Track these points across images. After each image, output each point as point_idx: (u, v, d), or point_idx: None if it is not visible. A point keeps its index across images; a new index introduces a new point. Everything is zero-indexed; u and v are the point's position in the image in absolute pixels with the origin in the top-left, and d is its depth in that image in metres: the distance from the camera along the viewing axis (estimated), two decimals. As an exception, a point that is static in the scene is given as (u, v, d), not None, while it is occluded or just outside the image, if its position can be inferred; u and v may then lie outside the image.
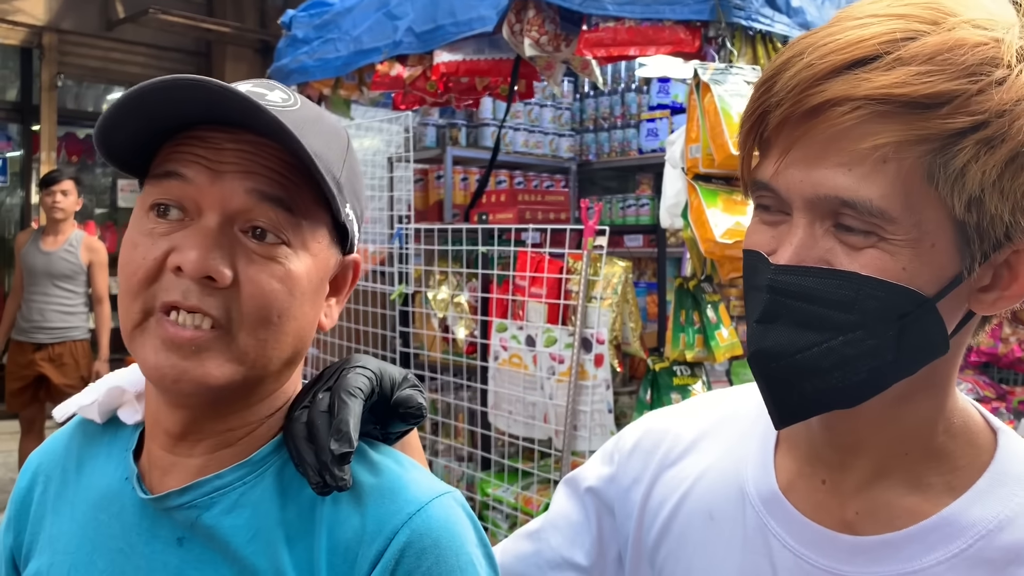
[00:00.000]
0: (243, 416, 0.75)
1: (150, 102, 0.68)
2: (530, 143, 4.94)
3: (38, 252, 4.58)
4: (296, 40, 3.65)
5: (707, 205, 2.29)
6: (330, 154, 0.73)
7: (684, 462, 0.85)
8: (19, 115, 7.12)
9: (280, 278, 0.69)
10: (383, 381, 0.77)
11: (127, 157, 0.73)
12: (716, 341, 2.38)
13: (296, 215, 0.70)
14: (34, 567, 0.82)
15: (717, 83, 2.33)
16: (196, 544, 0.73)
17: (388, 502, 0.72)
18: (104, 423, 0.85)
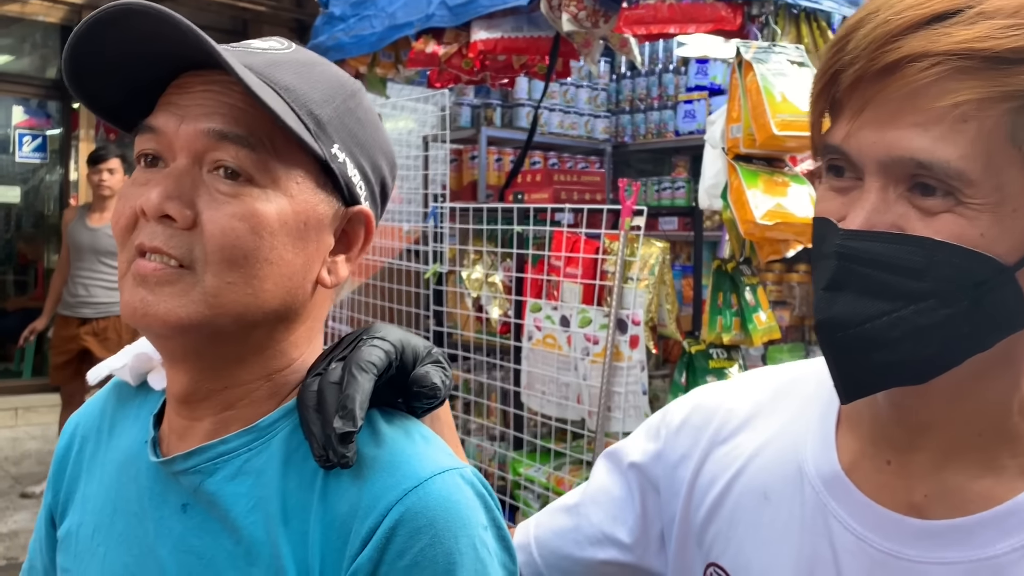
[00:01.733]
0: (237, 374, 0.73)
1: (93, 46, 0.69)
2: (565, 124, 4.91)
3: (84, 228, 4.69)
4: (333, 18, 3.64)
5: (747, 186, 2.26)
6: (311, 92, 0.71)
7: (737, 439, 0.83)
8: (59, 92, 7.20)
9: (242, 216, 0.67)
10: (404, 354, 0.73)
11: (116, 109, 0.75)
12: (754, 324, 2.35)
13: (260, 152, 0.68)
14: (66, 526, 0.82)
15: (760, 62, 2.29)
16: (198, 511, 0.72)
17: (386, 475, 0.68)
18: (137, 387, 0.85)
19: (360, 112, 0.76)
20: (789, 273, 4.15)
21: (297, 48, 0.76)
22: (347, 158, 0.74)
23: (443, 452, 0.73)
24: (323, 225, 0.73)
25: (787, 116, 2.24)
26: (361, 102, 0.77)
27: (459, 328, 3.30)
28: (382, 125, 0.80)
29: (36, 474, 5.27)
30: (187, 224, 0.68)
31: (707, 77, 4.68)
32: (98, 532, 0.78)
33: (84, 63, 0.70)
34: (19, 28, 7.16)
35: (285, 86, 0.70)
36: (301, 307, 0.74)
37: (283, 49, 0.75)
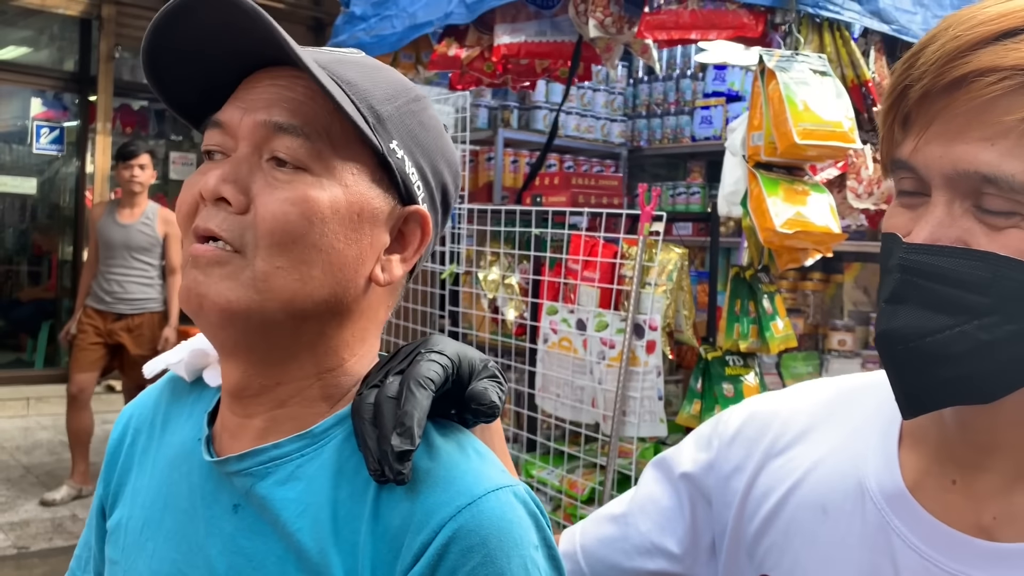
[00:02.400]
0: (288, 370, 0.73)
1: (168, 39, 0.71)
2: (582, 127, 4.91)
3: (116, 225, 4.69)
4: (354, 17, 3.65)
5: (768, 194, 2.26)
6: (374, 89, 0.73)
7: (792, 452, 0.82)
8: (77, 85, 7.25)
9: (293, 201, 0.68)
10: (460, 368, 0.73)
11: (192, 108, 0.77)
12: (771, 332, 2.36)
13: (316, 142, 0.69)
14: (115, 518, 0.83)
15: (783, 70, 2.30)
16: (250, 513, 0.72)
17: (440, 491, 0.68)
18: (192, 382, 0.86)
19: (423, 116, 0.77)
20: (804, 281, 4.15)
21: (365, 56, 0.78)
22: (406, 155, 0.74)
23: (496, 468, 0.72)
24: (378, 220, 0.73)
25: (809, 125, 2.24)
26: (426, 108, 0.78)
27: (474, 329, 3.31)
28: (447, 136, 0.81)
29: (47, 464, 5.30)
30: (241, 208, 0.69)
31: (725, 83, 4.68)
32: (147, 527, 0.78)
33: (160, 59, 0.72)
34: (38, 20, 7.20)
35: (348, 81, 0.71)
36: (353, 302, 0.74)
37: (351, 53, 0.77)
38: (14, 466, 5.25)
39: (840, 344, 3.66)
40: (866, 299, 4.20)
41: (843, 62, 2.62)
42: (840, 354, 3.54)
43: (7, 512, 4.47)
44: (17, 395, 6.59)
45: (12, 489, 4.83)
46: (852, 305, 4.13)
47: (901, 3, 2.70)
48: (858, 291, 4.17)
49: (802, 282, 4.14)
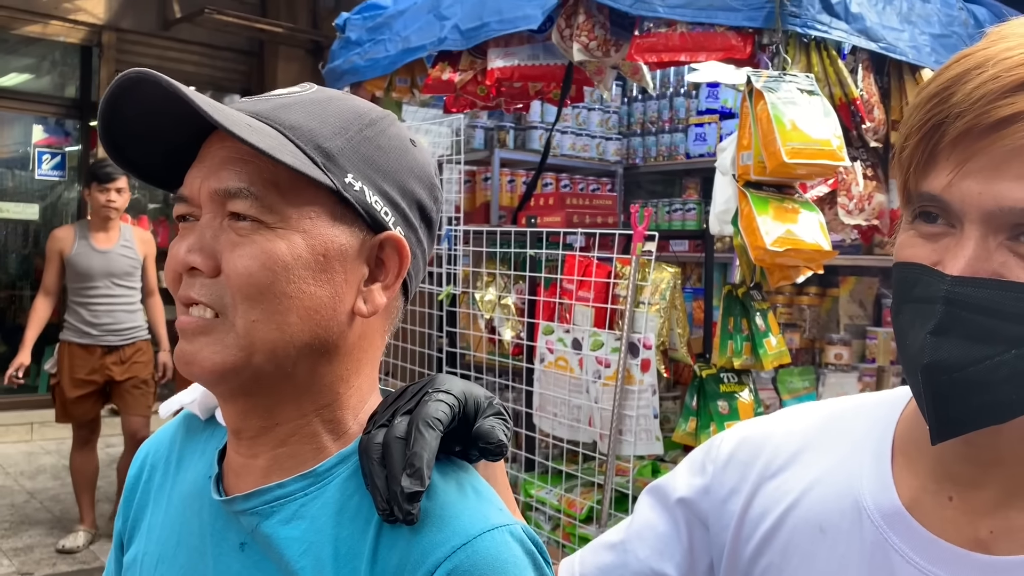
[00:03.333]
0: (285, 411, 0.75)
1: (121, 117, 0.74)
2: (577, 146, 4.95)
3: (93, 252, 4.30)
4: (349, 42, 3.70)
5: (758, 213, 2.29)
6: (320, 127, 0.74)
7: (787, 473, 0.85)
8: (78, 111, 7.31)
9: (253, 255, 0.70)
10: (466, 406, 0.74)
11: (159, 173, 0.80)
12: (764, 349, 2.38)
13: (265, 198, 0.71)
14: (132, 553, 0.86)
15: (770, 90, 2.33)
16: (256, 551, 0.74)
17: (435, 531, 0.68)
18: (206, 420, 0.89)
19: (381, 140, 0.77)
20: (799, 296, 4.17)
21: (318, 89, 0.79)
22: (365, 185, 0.75)
23: (494, 507, 0.73)
24: (347, 255, 0.74)
25: (797, 144, 2.27)
26: (384, 130, 0.78)
27: (471, 349, 3.34)
28: (416, 149, 0.81)
29: (51, 489, 5.31)
30: (212, 272, 0.72)
31: (718, 101, 4.72)
32: (161, 563, 0.81)
33: (116, 133, 0.75)
34: (39, 48, 7.27)
35: (291, 125, 0.73)
36: (339, 339, 0.75)
37: (301, 92, 0.78)
38: (18, 491, 5.27)
39: (836, 358, 3.68)
40: (862, 313, 4.22)
41: (831, 81, 2.65)
42: (837, 368, 3.56)
43: (11, 538, 4.48)
44: (21, 420, 6.61)
45: (16, 514, 4.84)
46: (848, 319, 4.15)
47: (889, 21, 2.73)
48: (854, 305, 4.19)
49: (798, 297, 4.16)
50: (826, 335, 3.96)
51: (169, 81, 0.68)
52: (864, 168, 2.92)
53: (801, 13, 2.52)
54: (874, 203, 2.95)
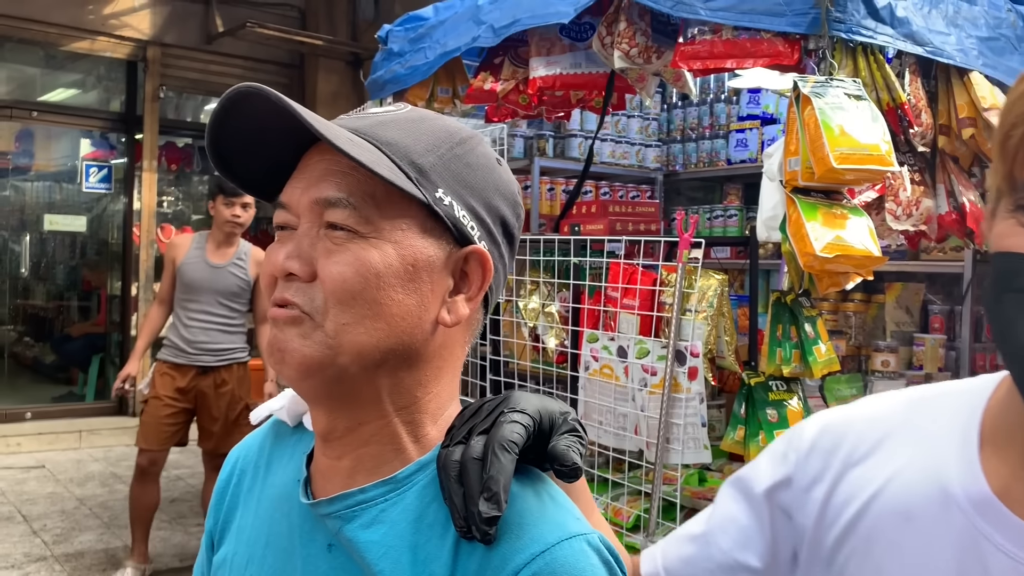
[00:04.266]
0: (367, 410, 0.77)
1: (227, 129, 0.78)
2: (616, 154, 4.95)
3: (205, 265, 4.08)
4: (392, 54, 3.74)
5: (806, 219, 2.27)
6: (414, 144, 0.77)
7: (871, 461, 0.85)
8: (124, 125, 7.46)
9: (348, 263, 0.74)
10: (541, 423, 0.76)
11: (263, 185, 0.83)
12: (814, 356, 2.35)
13: (362, 209, 0.75)
14: (222, 554, 0.89)
15: (818, 96, 2.31)
16: (342, 552, 0.77)
17: (514, 538, 0.70)
18: (294, 427, 0.92)
19: (470, 157, 0.81)
20: (845, 303, 4.12)
21: (412, 109, 0.83)
22: (454, 200, 0.78)
23: (571, 515, 0.74)
24: (434, 267, 0.78)
25: (846, 149, 2.25)
26: (473, 148, 0.82)
27: (515, 357, 3.34)
28: (501, 167, 0.85)
29: (100, 496, 5.41)
30: (308, 277, 0.75)
31: (759, 106, 4.70)
32: (251, 563, 0.84)
33: (222, 146, 0.80)
34: (86, 63, 7.44)
35: (387, 141, 0.76)
36: (422, 346, 0.78)
37: (396, 111, 0.82)
38: (68, 498, 5.37)
39: (884, 365, 3.63)
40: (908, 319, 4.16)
41: (878, 85, 2.62)
42: (884, 375, 3.51)
43: (62, 543, 4.58)
44: (70, 428, 6.75)
45: (67, 521, 4.93)
46: (895, 325, 4.09)
47: (935, 25, 2.70)
48: (900, 311, 4.13)
49: (843, 303, 4.12)
50: (872, 342, 3.91)
51: (279, 96, 0.72)
52: (912, 173, 2.88)
53: (846, 19, 2.49)
54: (921, 208, 2.91)
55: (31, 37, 6.84)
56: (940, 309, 4.18)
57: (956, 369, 4.03)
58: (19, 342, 8.26)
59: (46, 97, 7.60)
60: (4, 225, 7.83)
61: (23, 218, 7.90)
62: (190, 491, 5.30)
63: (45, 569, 4.23)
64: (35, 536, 4.67)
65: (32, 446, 6.52)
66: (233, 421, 4.10)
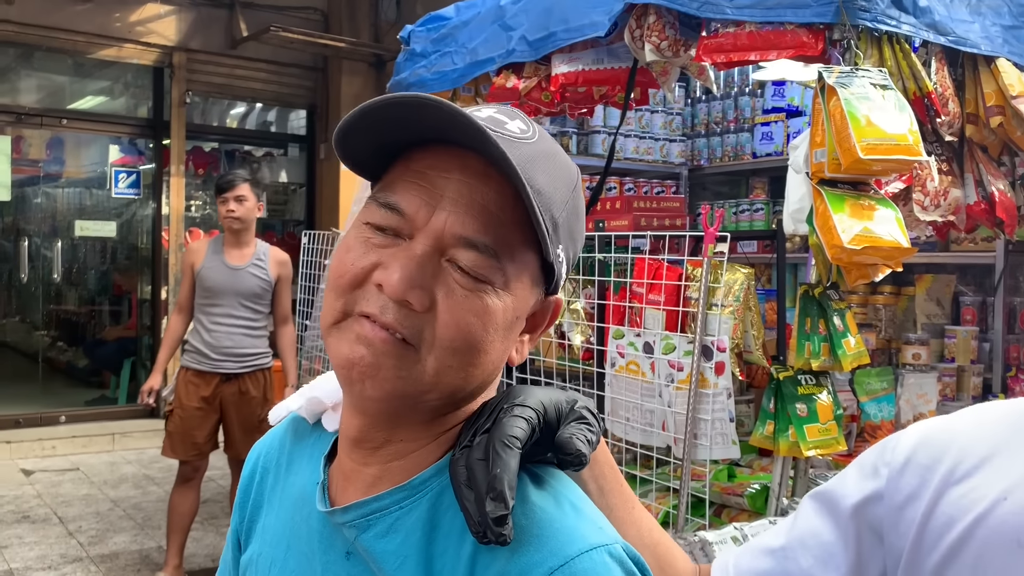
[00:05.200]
0: (416, 431, 0.75)
1: (387, 117, 0.72)
2: (640, 149, 4.93)
3: (224, 267, 4.02)
4: (414, 54, 3.75)
5: (833, 211, 2.25)
6: (555, 193, 0.73)
7: (974, 479, 0.78)
8: (151, 131, 7.55)
9: (476, 312, 0.70)
10: (547, 415, 0.74)
11: (363, 159, 0.77)
12: (843, 350, 2.33)
13: (501, 261, 0.71)
14: (248, 554, 0.88)
15: (843, 86, 2.29)
16: (359, 561, 0.75)
17: (533, 550, 0.67)
18: (314, 424, 0.90)
19: (579, 204, 0.78)
20: (874, 295, 4.08)
21: (539, 134, 0.76)
22: (564, 256, 0.76)
23: (592, 524, 0.71)
24: (525, 314, 0.77)
25: (872, 140, 2.23)
26: (579, 193, 0.78)
27: (541, 355, 3.34)
28: (582, 203, 0.81)
29: (133, 497, 5.49)
30: (423, 310, 0.71)
31: (784, 99, 4.65)
32: (274, 566, 0.83)
33: (355, 127, 0.74)
34: (113, 71, 7.54)
35: (539, 189, 0.71)
36: (491, 383, 0.78)
37: (530, 137, 0.74)
38: (102, 500, 5.45)
39: (915, 358, 3.59)
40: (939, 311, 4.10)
41: (904, 74, 2.59)
42: (915, 368, 3.47)
43: (97, 545, 4.64)
44: (103, 431, 6.84)
45: (101, 522, 5.01)
46: (925, 318, 4.04)
47: (958, 13, 2.67)
48: (931, 303, 4.08)
49: (873, 296, 4.08)
50: (903, 335, 3.87)
51: (484, 133, 0.67)
52: (939, 163, 2.85)
53: (871, 8, 2.47)
54: (950, 199, 2.87)
55: (59, 46, 6.94)
56: (972, 300, 4.12)
57: (989, 362, 3.98)
58: (52, 347, 8.40)
59: (75, 105, 7.72)
60: (36, 232, 7.96)
61: (55, 224, 8.03)
62: (221, 492, 5.35)
63: (81, 570, 4.30)
64: (71, 538, 4.75)
65: (66, 449, 6.62)
66: (256, 427, 4.05)
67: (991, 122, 2.76)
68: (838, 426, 2.37)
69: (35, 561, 4.38)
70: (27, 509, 5.22)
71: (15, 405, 7.04)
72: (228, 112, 8.33)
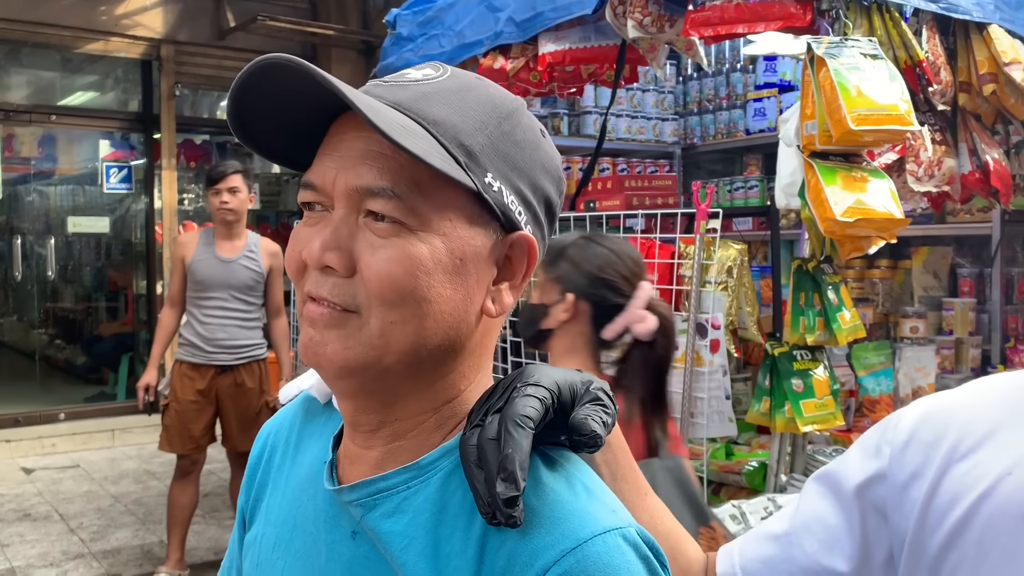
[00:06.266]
0: (406, 407, 0.74)
1: (251, 96, 0.71)
2: (633, 129, 4.90)
3: (216, 260, 3.97)
4: (401, 38, 3.71)
5: (825, 183, 2.23)
6: (461, 121, 0.71)
7: (978, 455, 0.77)
8: (141, 124, 7.50)
9: (395, 260, 0.68)
10: (561, 395, 0.71)
11: (289, 153, 0.76)
12: (838, 324, 2.31)
13: (408, 199, 0.69)
14: (252, 533, 0.87)
15: (832, 57, 2.26)
16: (365, 541, 0.74)
17: (544, 533, 0.66)
18: (325, 404, 0.88)
19: (518, 133, 0.75)
20: (871, 269, 4.06)
21: (452, 73, 0.75)
22: (503, 185, 0.73)
23: (605, 507, 0.70)
24: (481, 257, 0.73)
25: (863, 110, 2.20)
26: (519, 122, 0.75)
27: (537, 338, 3.32)
28: (545, 140, 0.78)
29: (134, 492, 5.48)
30: (348, 272, 0.70)
31: (776, 74, 4.62)
32: (278, 545, 0.81)
33: (244, 114, 0.73)
34: (102, 65, 7.49)
35: (434, 119, 0.70)
36: (466, 339, 0.74)
37: (437, 77, 0.74)
38: (103, 495, 5.44)
39: (912, 331, 3.57)
40: (936, 283, 4.09)
41: (895, 44, 2.56)
42: (913, 342, 3.45)
43: (99, 540, 4.64)
44: (102, 427, 6.83)
45: (103, 518, 5.00)
46: (922, 291, 4.02)
47: (949, -21, 2.63)
48: (927, 276, 4.06)
49: (869, 270, 4.06)
50: (900, 308, 3.85)
51: (318, 72, 0.66)
52: (932, 133, 2.82)
53: (860, -25, 2.44)
54: (944, 168, 2.84)
55: (46, 41, 6.88)
56: (969, 272, 4.10)
57: (988, 333, 3.96)
58: (50, 345, 8.38)
59: (64, 101, 7.66)
60: (30, 230, 7.93)
61: (48, 222, 7.99)
62: (222, 485, 5.35)
63: (83, 566, 4.29)
64: (72, 534, 4.74)
65: (67, 446, 6.61)
66: (252, 419, 4.01)
67: (984, 90, 2.73)
68: (835, 401, 2.35)
69: (37, 559, 4.38)
70: (28, 507, 5.21)
71: (14, 404, 7.02)
72: (218, 104, 8.27)
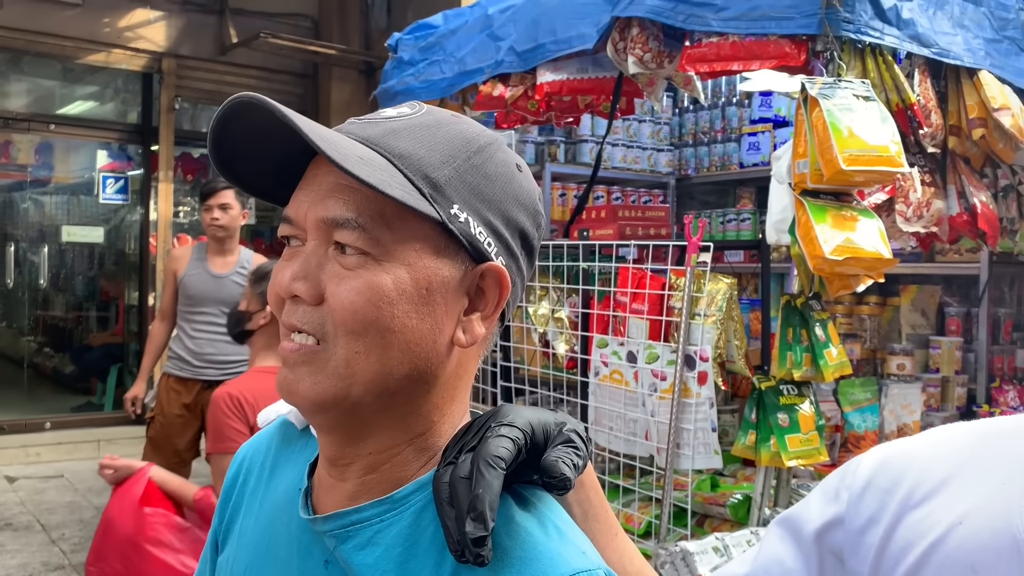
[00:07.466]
0: (379, 440, 0.74)
1: (229, 137, 0.75)
2: (628, 159, 4.95)
3: (208, 275, 4.01)
4: (402, 62, 3.75)
5: (815, 221, 2.26)
6: (427, 155, 0.72)
7: (932, 504, 0.77)
8: (140, 136, 7.53)
9: (359, 290, 0.70)
10: (535, 436, 0.73)
11: (279, 192, 0.78)
12: (825, 360, 2.33)
13: (372, 230, 0.70)
14: (224, 556, 0.87)
15: (826, 97, 2.30)
16: (338, 570, 0.74)
17: (515, 572, 0.67)
18: (302, 430, 0.89)
19: (487, 167, 0.76)
20: (860, 306, 4.09)
21: (427, 111, 0.77)
22: (470, 216, 0.74)
23: (575, 548, 0.71)
24: (449, 287, 0.74)
25: (855, 151, 2.24)
26: (491, 156, 0.77)
27: (525, 363, 3.34)
28: (521, 174, 0.80)
29: (117, 505, 5.44)
30: (315, 301, 0.72)
31: (771, 109, 4.68)
32: (250, 569, 0.82)
33: (224, 150, 0.76)
34: (102, 76, 7.52)
35: (400, 153, 0.72)
36: (437, 369, 0.74)
37: (411, 114, 0.76)
38: (86, 507, 5.41)
39: (899, 368, 3.60)
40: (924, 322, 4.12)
41: (887, 86, 2.61)
42: (900, 379, 3.48)
43: (80, 552, 4.60)
44: (88, 437, 6.79)
45: (85, 530, 4.96)
46: (910, 328, 4.06)
47: (940, 26, 2.68)
48: (916, 314, 4.10)
49: (858, 307, 4.09)
50: (888, 345, 3.88)
51: (280, 109, 0.68)
52: (922, 174, 2.86)
53: (854, 19, 2.48)
54: (932, 210, 2.88)
55: (48, 51, 6.92)
56: (956, 311, 4.14)
57: (974, 372, 3.99)
58: (39, 353, 8.35)
59: (63, 110, 7.68)
60: (23, 237, 7.91)
61: (42, 230, 7.98)
62: (206, 499, 5.32)
63: (63, 578, 4.26)
64: (53, 545, 4.71)
65: (51, 456, 6.57)
66: None
67: (973, 134, 2.77)
68: (820, 436, 2.37)
69: (16, 569, 4.34)
70: (10, 516, 5.18)
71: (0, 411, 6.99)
72: (218, 118, 8.30)
